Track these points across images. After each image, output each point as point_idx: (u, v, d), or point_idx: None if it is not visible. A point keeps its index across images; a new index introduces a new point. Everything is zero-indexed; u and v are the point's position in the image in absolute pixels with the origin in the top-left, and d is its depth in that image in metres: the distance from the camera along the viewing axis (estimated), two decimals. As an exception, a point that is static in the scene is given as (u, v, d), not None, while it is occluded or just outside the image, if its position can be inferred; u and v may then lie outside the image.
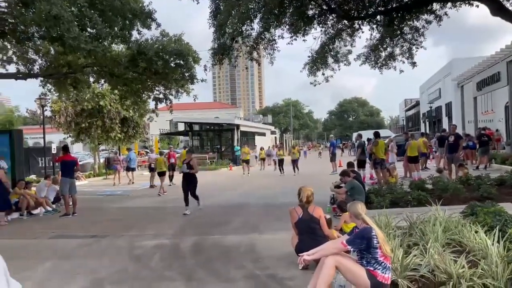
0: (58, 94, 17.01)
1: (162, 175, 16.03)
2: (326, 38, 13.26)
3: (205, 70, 12.56)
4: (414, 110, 56.96)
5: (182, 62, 13.08)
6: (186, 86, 14.31)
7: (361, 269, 3.91)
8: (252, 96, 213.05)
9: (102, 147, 29.64)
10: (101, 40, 10.89)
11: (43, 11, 9.24)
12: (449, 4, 12.29)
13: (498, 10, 10.70)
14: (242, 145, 31.03)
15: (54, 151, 20.64)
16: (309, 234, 5.47)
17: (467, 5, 11.91)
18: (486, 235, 4.58)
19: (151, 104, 15.88)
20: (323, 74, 13.47)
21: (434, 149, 20.78)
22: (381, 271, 3.85)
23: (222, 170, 28.27)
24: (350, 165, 10.73)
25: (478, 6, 11.75)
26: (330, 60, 13.47)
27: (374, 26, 13.28)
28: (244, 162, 24.38)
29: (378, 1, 12.76)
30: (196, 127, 40.20)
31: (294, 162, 22.56)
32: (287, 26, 12.20)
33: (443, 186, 9.53)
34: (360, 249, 3.96)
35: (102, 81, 15.40)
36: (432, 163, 19.64)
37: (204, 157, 31.95)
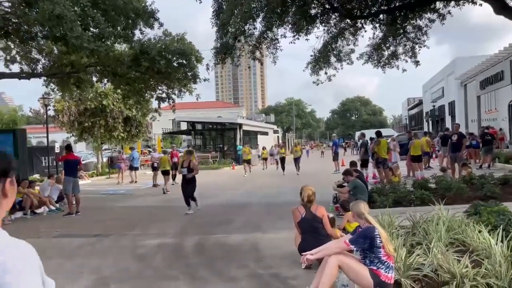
0: (61, 93, 17.05)
1: (167, 174, 16.09)
2: (329, 37, 13.26)
3: (207, 69, 12.62)
4: (417, 109, 56.72)
5: (184, 62, 13.10)
6: (188, 85, 14.36)
7: (364, 268, 3.91)
8: (254, 95, 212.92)
9: (105, 146, 29.74)
10: (104, 39, 10.93)
11: (46, 11, 9.29)
12: (452, 2, 12.26)
13: (502, 8, 10.65)
14: (244, 144, 31.01)
15: (57, 150, 20.71)
16: (312, 233, 5.47)
17: (471, 3, 11.87)
18: (490, 235, 4.57)
19: (154, 103, 16.00)
20: (326, 73, 13.49)
21: (437, 148, 20.70)
22: (384, 271, 3.85)
23: (224, 169, 28.27)
24: (353, 164, 10.72)
25: (481, 4, 11.70)
26: (332, 59, 13.46)
27: (377, 25, 13.27)
28: (245, 162, 24.24)
29: (381, 0, 12.74)
30: (198, 126, 40.21)
31: (296, 160, 22.53)
32: (290, 25, 12.20)
33: (447, 185, 9.49)
34: (363, 248, 3.96)
35: (105, 80, 15.46)
36: (435, 162, 19.58)
37: (206, 156, 32.10)
